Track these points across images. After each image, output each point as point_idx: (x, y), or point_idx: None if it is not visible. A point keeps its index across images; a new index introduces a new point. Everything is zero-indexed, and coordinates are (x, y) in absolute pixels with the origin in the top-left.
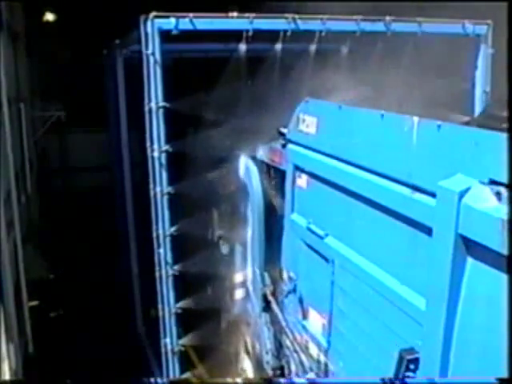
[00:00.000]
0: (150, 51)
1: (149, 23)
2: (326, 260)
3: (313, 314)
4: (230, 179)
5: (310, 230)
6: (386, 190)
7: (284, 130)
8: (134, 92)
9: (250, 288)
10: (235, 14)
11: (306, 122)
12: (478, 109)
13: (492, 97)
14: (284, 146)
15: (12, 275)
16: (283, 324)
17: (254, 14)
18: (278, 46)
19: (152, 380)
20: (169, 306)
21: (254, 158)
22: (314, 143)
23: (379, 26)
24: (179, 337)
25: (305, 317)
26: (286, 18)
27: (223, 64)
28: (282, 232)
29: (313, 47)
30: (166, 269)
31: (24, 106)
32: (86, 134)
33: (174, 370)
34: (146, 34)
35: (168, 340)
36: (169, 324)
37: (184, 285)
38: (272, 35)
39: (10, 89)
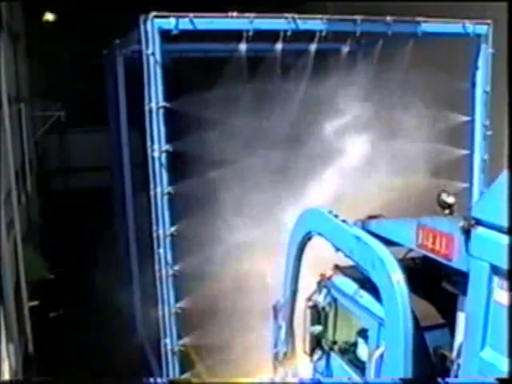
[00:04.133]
0: (150, 51)
1: (149, 23)
2: None
3: None
4: None
5: None
6: None
7: (451, 200)
8: (134, 92)
9: None
10: (235, 14)
11: None
12: (478, 109)
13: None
14: (467, 231)
15: (12, 275)
16: None
17: (254, 14)
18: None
19: (152, 380)
20: (169, 306)
21: (364, 229)
22: None
23: (379, 26)
24: (179, 337)
25: None
26: (286, 18)
27: (223, 64)
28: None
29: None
30: (166, 269)
31: (24, 105)
32: (85, 134)
33: (174, 370)
34: (146, 34)
35: (168, 340)
36: (169, 324)
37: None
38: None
39: (10, 89)
